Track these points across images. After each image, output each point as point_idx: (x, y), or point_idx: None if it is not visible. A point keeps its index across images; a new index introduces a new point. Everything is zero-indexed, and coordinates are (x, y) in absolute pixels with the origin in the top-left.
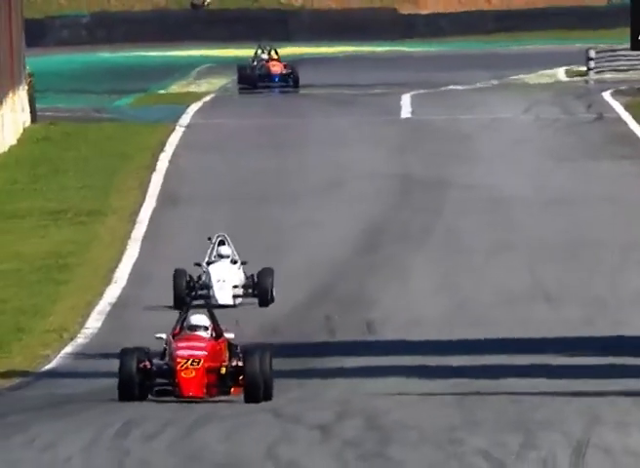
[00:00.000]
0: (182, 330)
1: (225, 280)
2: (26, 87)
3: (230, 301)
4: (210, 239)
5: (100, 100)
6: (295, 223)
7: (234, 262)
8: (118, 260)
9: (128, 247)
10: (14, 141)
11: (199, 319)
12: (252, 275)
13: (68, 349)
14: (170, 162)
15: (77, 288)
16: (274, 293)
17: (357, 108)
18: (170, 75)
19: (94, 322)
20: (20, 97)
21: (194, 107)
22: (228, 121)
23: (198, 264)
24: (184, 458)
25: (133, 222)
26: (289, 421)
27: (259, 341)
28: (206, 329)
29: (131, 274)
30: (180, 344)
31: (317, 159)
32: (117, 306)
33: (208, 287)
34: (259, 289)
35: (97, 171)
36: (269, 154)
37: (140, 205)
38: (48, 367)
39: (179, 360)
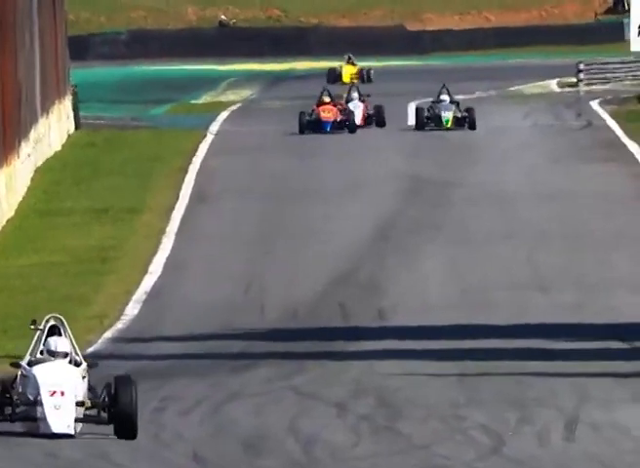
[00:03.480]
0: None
1: (65, 392)
2: (71, 97)
3: (71, 429)
4: (35, 323)
5: (137, 109)
6: (312, 219)
7: (75, 363)
8: (154, 253)
9: (163, 241)
10: (59, 147)
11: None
12: (105, 386)
13: (108, 334)
14: (201, 164)
15: (117, 278)
16: (137, 417)
17: None
18: (200, 87)
19: (131, 309)
20: (64, 107)
21: (223, 116)
22: (254, 128)
23: (16, 365)
24: (215, 431)
25: (167, 219)
26: (309, 399)
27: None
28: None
29: (165, 265)
30: None
31: (334, 162)
32: (152, 295)
33: (34, 403)
34: (115, 408)
35: (134, 173)
36: (291, 158)
37: (174, 203)
38: (90, 349)
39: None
